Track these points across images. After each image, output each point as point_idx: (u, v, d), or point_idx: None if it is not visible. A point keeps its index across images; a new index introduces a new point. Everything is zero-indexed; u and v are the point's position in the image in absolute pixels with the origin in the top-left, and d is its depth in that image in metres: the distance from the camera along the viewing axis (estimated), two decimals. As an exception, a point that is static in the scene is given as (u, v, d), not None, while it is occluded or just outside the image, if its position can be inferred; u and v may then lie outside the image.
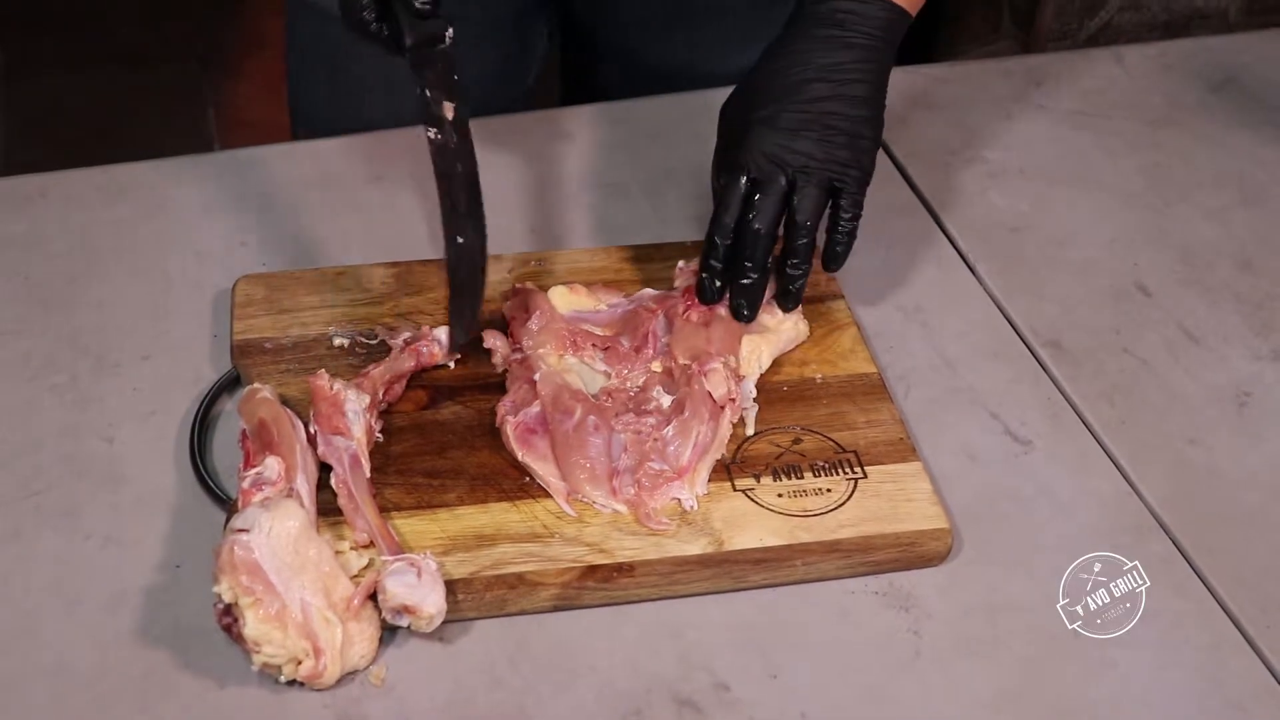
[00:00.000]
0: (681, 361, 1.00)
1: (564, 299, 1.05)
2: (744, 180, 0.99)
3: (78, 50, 2.91)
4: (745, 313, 1.01)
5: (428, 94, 0.91)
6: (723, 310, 1.02)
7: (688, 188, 1.23)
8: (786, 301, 1.03)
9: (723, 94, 1.06)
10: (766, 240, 0.99)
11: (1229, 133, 1.35)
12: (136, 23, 2.99)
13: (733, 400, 0.98)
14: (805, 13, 1.00)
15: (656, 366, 1.01)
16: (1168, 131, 1.34)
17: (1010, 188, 1.26)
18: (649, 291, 1.07)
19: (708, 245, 1.00)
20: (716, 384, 0.97)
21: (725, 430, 0.97)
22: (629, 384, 1.00)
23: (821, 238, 1.02)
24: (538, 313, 1.02)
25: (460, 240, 0.94)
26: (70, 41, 2.93)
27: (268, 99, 2.82)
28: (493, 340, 1.02)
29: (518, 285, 1.06)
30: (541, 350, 1.00)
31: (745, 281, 1.00)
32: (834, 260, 1.01)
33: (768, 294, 1.02)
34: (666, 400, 0.98)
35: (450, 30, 0.92)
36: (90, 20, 2.98)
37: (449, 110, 0.90)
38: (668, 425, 0.96)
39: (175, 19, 3.02)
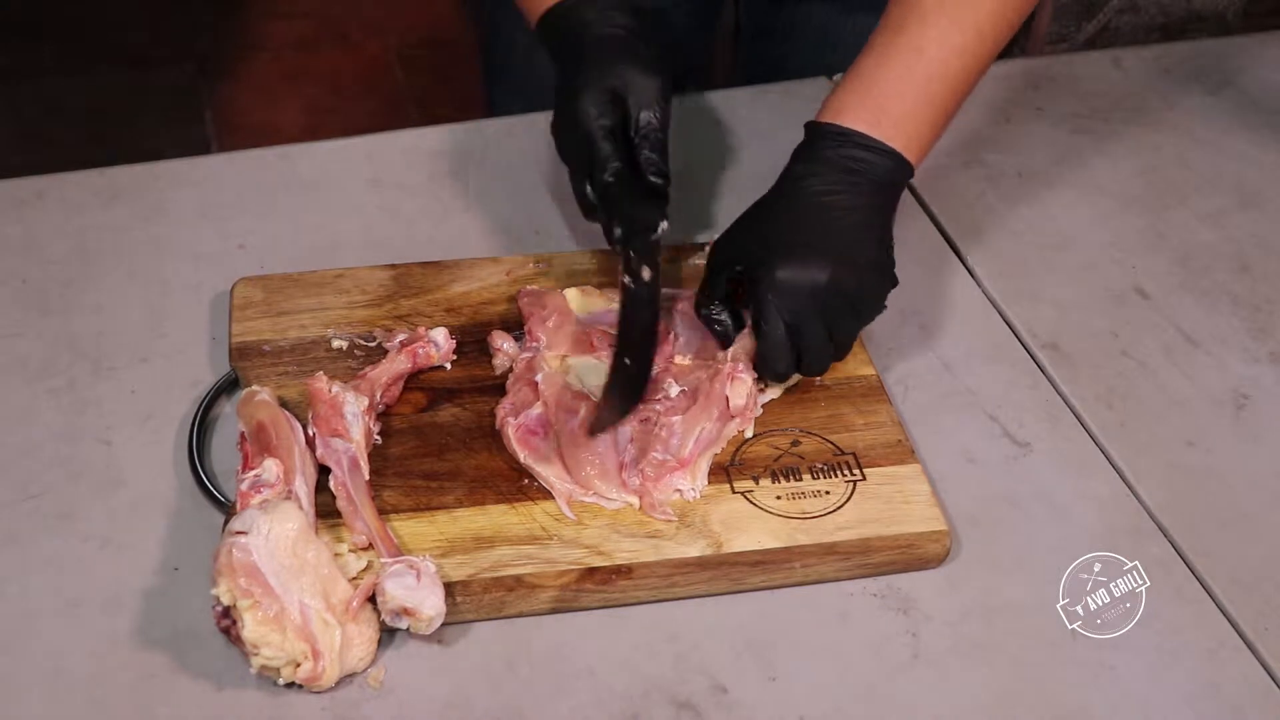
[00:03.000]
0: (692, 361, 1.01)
1: (578, 301, 1.05)
2: (783, 326, 0.98)
3: (75, 53, 2.91)
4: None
5: (631, 254, 0.98)
6: None
7: (687, 190, 1.23)
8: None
9: (727, 95, 1.06)
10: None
11: (1227, 136, 1.35)
12: (134, 26, 2.99)
13: (745, 411, 0.98)
14: (816, 157, 1.02)
15: (679, 360, 1.02)
16: (1166, 134, 1.35)
17: (1008, 191, 1.26)
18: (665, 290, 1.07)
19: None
20: (738, 393, 0.98)
21: (730, 430, 0.97)
22: None
23: None
24: (555, 314, 1.02)
25: (628, 361, 0.97)
26: (68, 44, 2.93)
27: (265, 102, 2.82)
28: (501, 341, 1.02)
29: (528, 287, 1.07)
30: (550, 352, 1.01)
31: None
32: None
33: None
34: (675, 390, 0.98)
35: (666, 223, 1.00)
36: (88, 23, 2.98)
37: (646, 274, 0.98)
38: (676, 415, 0.96)
39: (173, 22, 3.02)
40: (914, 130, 1.02)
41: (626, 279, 0.98)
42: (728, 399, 0.98)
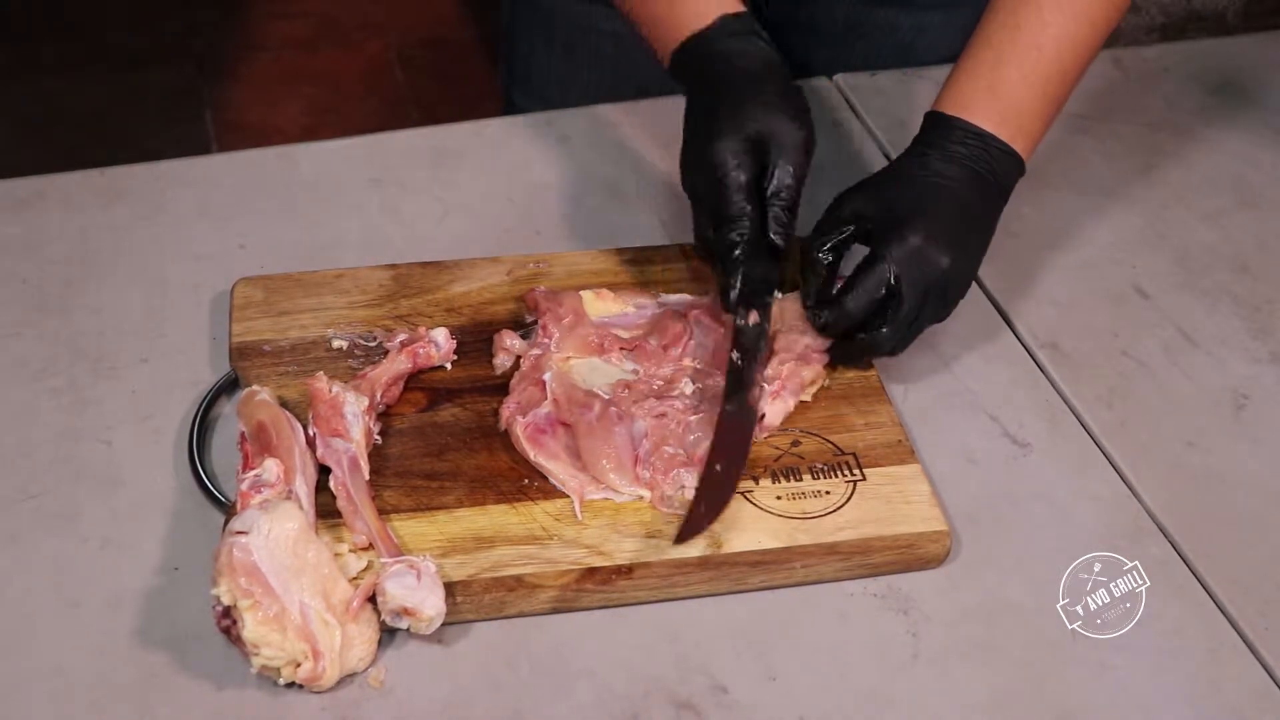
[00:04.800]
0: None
1: (592, 305, 1.05)
2: (890, 278, 0.98)
3: (75, 53, 2.91)
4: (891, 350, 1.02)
5: (746, 290, 0.99)
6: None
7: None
8: (852, 360, 1.03)
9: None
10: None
11: (1227, 135, 1.35)
12: (133, 26, 2.99)
13: (761, 417, 0.99)
14: (951, 153, 1.02)
15: (688, 362, 1.02)
16: (1166, 134, 1.35)
17: (1008, 190, 1.26)
18: (680, 296, 1.08)
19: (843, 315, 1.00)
20: (777, 412, 0.99)
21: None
22: (655, 379, 1.01)
23: None
24: (571, 314, 1.02)
25: (730, 409, 0.96)
26: (67, 44, 2.93)
27: (265, 102, 2.82)
28: (509, 340, 1.02)
29: (542, 287, 1.07)
30: (558, 352, 1.01)
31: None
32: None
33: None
34: (690, 388, 0.99)
35: (777, 293, 1.02)
36: (87, 23, 2.98)
37: (753, 318, 1.00)
38: (694, 413, 0.96)
39: (172, 22, 3.02)
40: (1034, 133, 1.05)
41: (734, 355, 0.98)
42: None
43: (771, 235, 0.99)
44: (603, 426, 0.95)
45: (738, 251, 0.98)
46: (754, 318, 1.00)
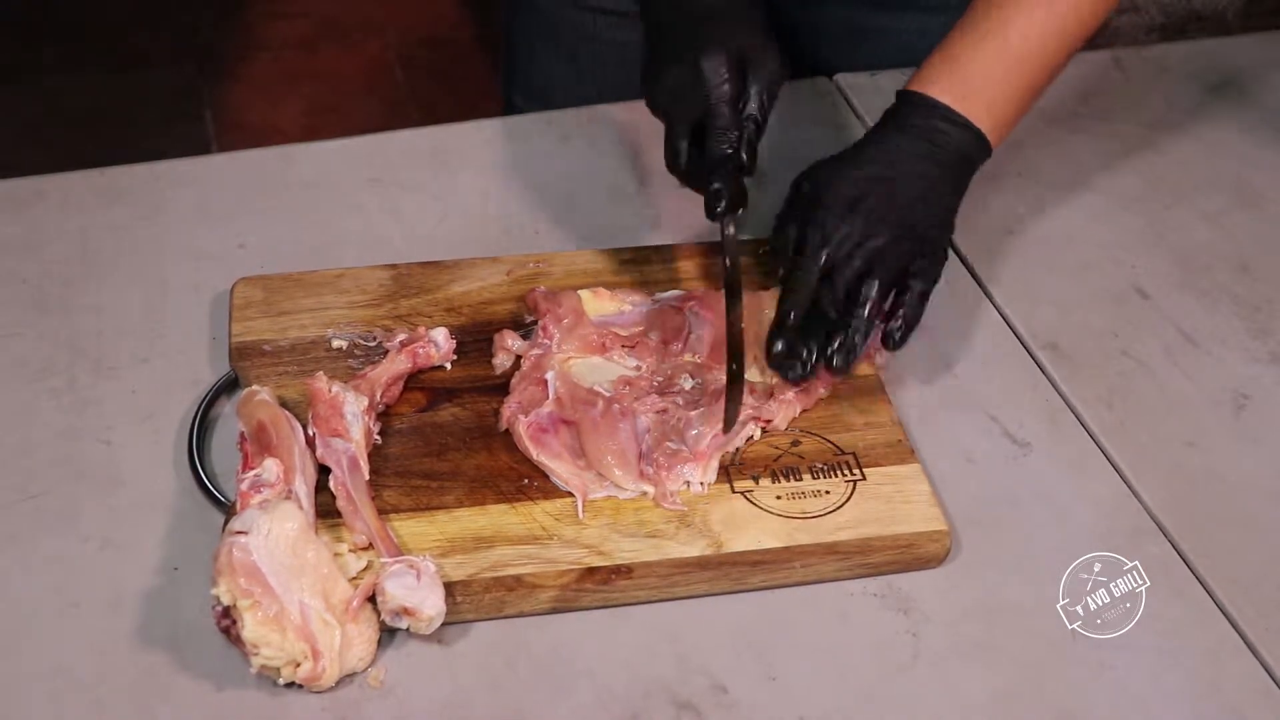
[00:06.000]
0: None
1: (590, 303, 1.05)
2: (822, 260, 1.00)
3: (75, 53, 2.91)
4: (837, 363, 0.99)
5: (728, 228, 1.01)
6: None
7: (686, 190, 1.23)
8: (838, 366, 1.00)
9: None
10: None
11: (1227, 135, 1.35)
12: (134, 26, 2.99)
13: (769, 422, 0.99)
14: (903, 123, 1.06)
15: (689, 357, 1.02)
16: (1165, 134, 1.34)
17: (1008, 190, 1.26)
18: (674, 292, 1.08)
19: (778, 323, 1.00)
20: (785, 416, 0.99)
21: (744, 437, 0.98)
22: (656, 375, 1.01)
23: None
24: (571, 314, 1.02)
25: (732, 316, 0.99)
26: (68, 44, 2.93)
27: (265, 102, 2.82)
28: (510, 340, 1.02)
29: (542, 287, 1.07)
30: (559, 352, 1.01)
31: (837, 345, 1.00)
32: (893, 343, 1.01)
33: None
34: (690, 384, 0.99)
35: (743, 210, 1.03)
36: (88, 23, 2.98)
37: (731, 228, 1.01)
38: (695, 409, 0.96)
39: (173, 22, 3.02)
40: (999, 109, 1.06)
41: (726, 261, 1.00)
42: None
43: (743, 154, 1.01)
44: (607, 423, 0.96)
45: (729, 163, 1.00)
46: (732, 228, 1.01)
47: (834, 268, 1.00)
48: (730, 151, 1.00)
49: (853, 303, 0.99)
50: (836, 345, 0.98)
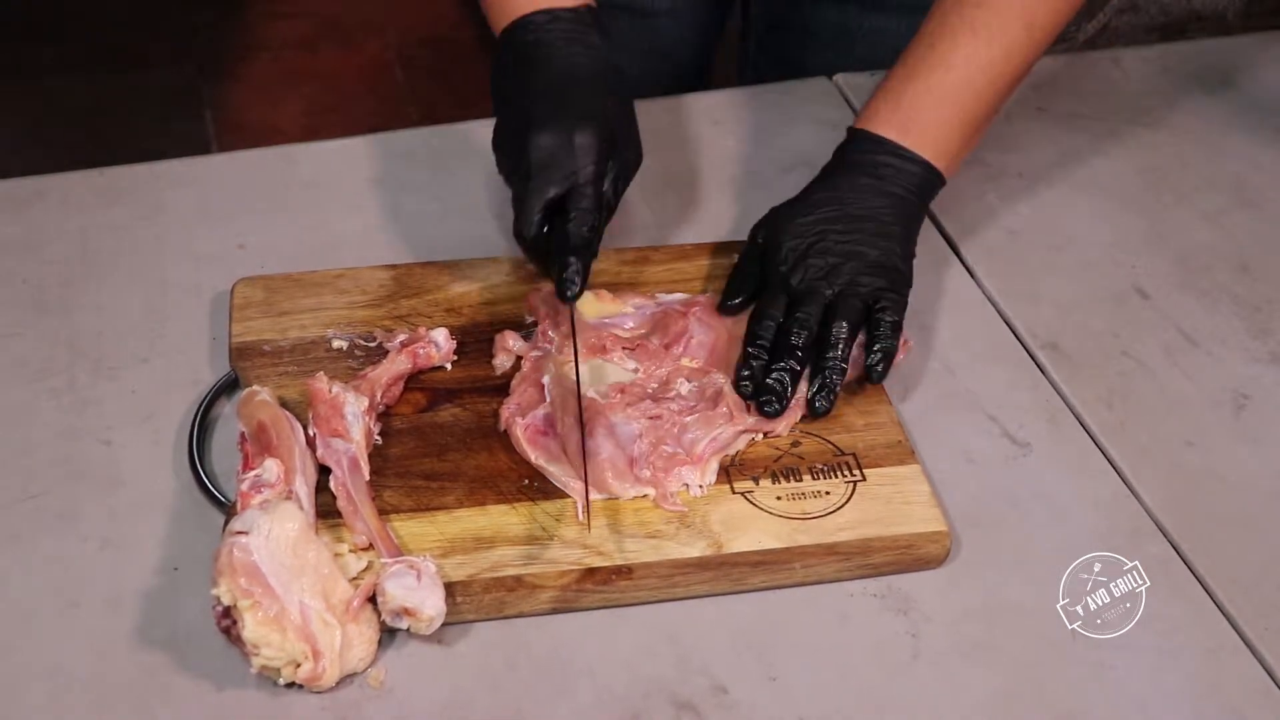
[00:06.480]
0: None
1: (592, 306, 1.05)
2: (784, 298, 1.02)
3: (75, 53, 2.91)
4: (819, 406, 0.99)
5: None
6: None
7: (685, 192, 1.23)
8: (820, 409, 0.99)
9: (727, 95, 1.05)
10: (807, 347, 1.00)
11: (1226, 135, 1.35)
12: (134, 26, 2.99)
13: (770, 431, 0.99)
14: (848, 161, 1.09)
15: (687, 362, 1.02)
16: (1165, 134, 1.35)
17: (1008, 190, 1.26)
18: (677, 295, 1.08)
19: (746, 353, 1.01)
20: (786, 424, 0.99)
21: (743, 442, 0.98)
22: (651, 381, 1.01)
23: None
24: (568, 320, 1.02)
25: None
26: (68, 44, 2.93)
27: (265, 102, 2.82)
28: (511, 341, 1.02)
29: (544, 288, 1.06)
30: (560, 355, 1.01)
31: (784, 378, 0.99)
32: (875, 375, 1.01)
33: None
34: (686, 388, 0.99)
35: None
36: (88, 23, 2.98)
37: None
38: (691, 413, 0.96)
39: (172, 22, 3.02)
40: (943, 139, 1.08)
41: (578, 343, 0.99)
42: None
43: (597, 240, 0.99)
44: (590, 443, 0.95)
45: (589, 245, 0.97)
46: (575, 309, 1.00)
47: (798, 313, 1.00)
48: (590, 233, 0.97)
49: (824, 345, 0.99)
50: (816, 389, 0.98)
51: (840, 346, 0.99)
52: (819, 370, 0.99)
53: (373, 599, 0.86)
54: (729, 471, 0.96)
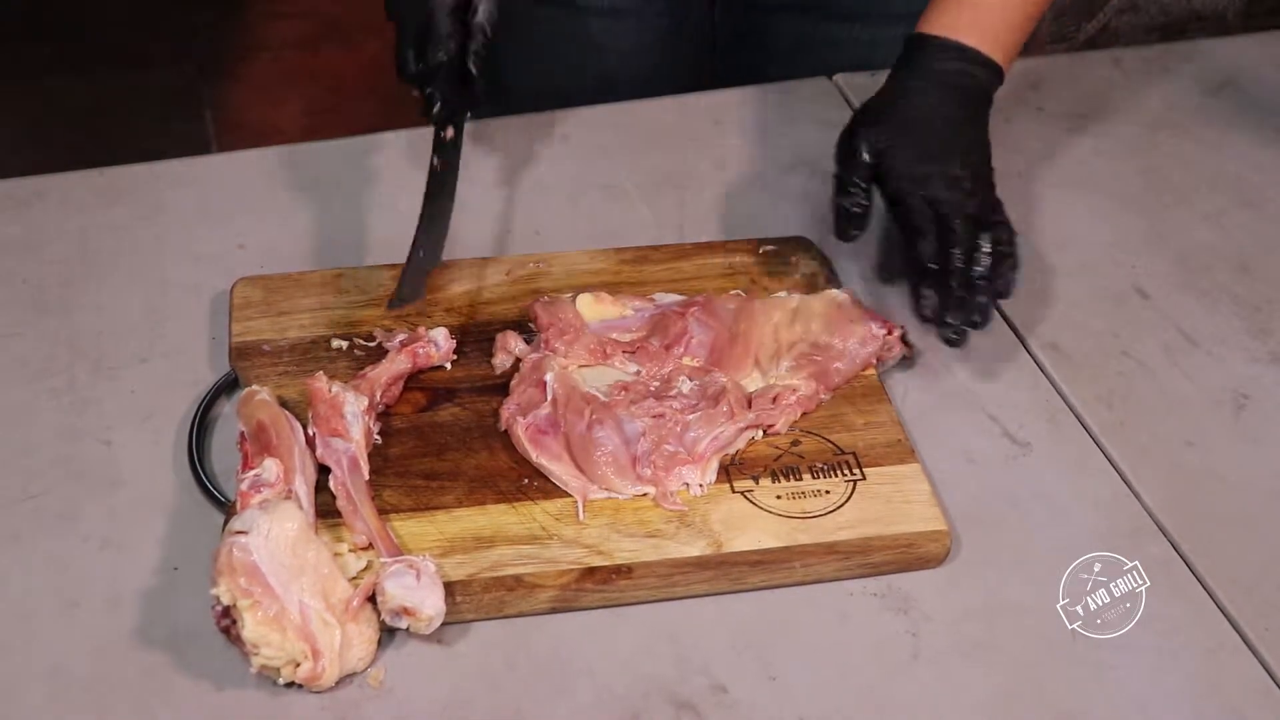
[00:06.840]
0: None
1: (590, 308, 1.05)
2: (931, 214, 1.05)
3: (75, 53, 2.91)
4: (982, 324, 1.04)
5: (447, 107, 1.06)
6: None
7: (686, 190, 1.23)
8: (983, 324, 1.05)
9: (726, 95, 1.05)
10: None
11: (1227, 135, 1.35)
12: (134, 26, 2.99)
13: (770, 427, 0.99)
14: (928, 69, 1.10)
15: (688, 361, 1.02)
16: (1165, 134, 1.35)
17: (1008, 190, 1.25)
18: (676, 296, 1.08)
19: (920, 275, 1.05)
20: (785, 420, 0.99)
21: (744, 440, 0.98)
22: (653, 380, 1.01)
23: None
24: (570, 329, 1.02)
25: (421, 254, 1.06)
26: (68, 44, 2.93)
27: (265, 102, 2.82)
28: (513, 342, 1.02)
29: (544, 299, 1.06)
30: (565, 360, 1.01)
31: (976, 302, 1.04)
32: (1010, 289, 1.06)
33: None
34: (688, 386, 0.99)
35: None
36: (88, 23, 2.98)
37: (450, 133, 1.07)
38: (693, 412, 0.96)
39: (173, 22, 3.02)
40: (1010, 42, 1.11)
41: (435, 160, 1.05)
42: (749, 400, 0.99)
43: (469, 64, 1.05)
44: (593, 437, 0.95)
45: (442, 71, 1.05)
46: (450, 133, 1.06)
47: (959, 234, 1.03)
48: (444, 59, 1.04)
49: (969, 260, 1.03)
50: (980, 306, 1.03)
51: (986, 261, 1.03)
52: (977, 291, 1.03)
53: (372, 598, 0.86)
54: (729, 470, 0.96)
